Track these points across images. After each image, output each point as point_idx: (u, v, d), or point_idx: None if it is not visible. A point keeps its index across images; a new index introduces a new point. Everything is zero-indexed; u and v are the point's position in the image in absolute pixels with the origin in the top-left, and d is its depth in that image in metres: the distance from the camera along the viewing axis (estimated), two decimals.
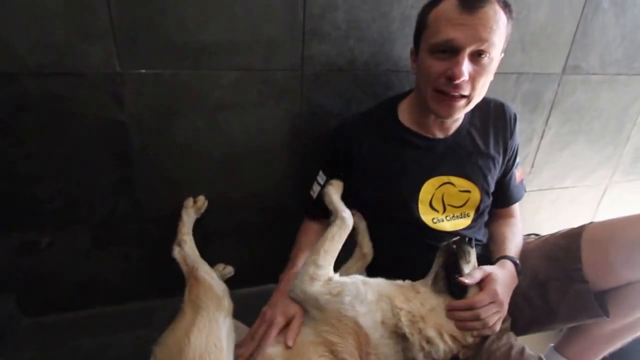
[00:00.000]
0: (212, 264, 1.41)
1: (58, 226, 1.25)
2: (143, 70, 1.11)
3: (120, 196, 1.25)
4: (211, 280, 1.01)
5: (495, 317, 0.97)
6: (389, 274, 1.07)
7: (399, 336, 0.92)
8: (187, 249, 1.14)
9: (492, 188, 1.20)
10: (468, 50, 0.95)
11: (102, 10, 1.02)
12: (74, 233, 1.27)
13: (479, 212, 1.20)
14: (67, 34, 1.02)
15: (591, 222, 1.11)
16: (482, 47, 0.94)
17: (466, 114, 1.15)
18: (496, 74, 1.37)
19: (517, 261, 1.10)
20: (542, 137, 1.61)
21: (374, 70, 1.27)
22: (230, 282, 1.44)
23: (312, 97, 1.26)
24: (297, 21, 1.15)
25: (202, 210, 1.25)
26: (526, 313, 1.13)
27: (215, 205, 1.33)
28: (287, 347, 0.92)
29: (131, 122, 1.16)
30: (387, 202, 1.16)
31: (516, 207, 1.29)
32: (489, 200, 1.21)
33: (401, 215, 1.15)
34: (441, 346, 0.92)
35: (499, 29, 0.95)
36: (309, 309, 0.98)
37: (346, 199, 1.17)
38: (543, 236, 1.23)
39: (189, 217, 1.22)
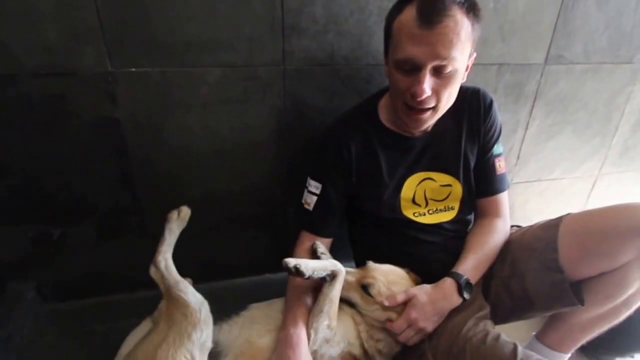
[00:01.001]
0: (205, 257, 1.37)
1: (66, 219, 1.20)
2: (133, 69, 1.05)
3: (121, 191, 1.19)
4: (186, 297, 0.90)
5: (415, 338, 0.97)
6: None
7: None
8: (163, 269, 0.98)
9: (473, 178, 1.08)
10: (429, 67, 0.86)
11: (90, 11, 0.97)
12: (81, 225, 1.21)
13: (464, 205, 1.09)
14: (59, 36, 0.97)
15: (569, 214, 1.00)
16: (443, 63, 0.85)
17: None
18: (476, 65, 1.28)
19: (462, 278, 0.97)
20: (526, 129, 1.47)
21: (354, 64, 1.17)
22: (223, 274, 1.41)
23: (296, 92, 1.17)
24: (276, 16, 1.06)
25: (186, 220, 1.07)
26: (506, 302, 1.03)
27: (207, 199, 1.26)
28: None
29: (125, 120, 1.10)
30: (373, 202, 1.06)
31: (501, 204, 1.11)
32: (473, 192, 1.09)
33: (384, 212, 1.06)
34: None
35: (461, 41, 0.84)
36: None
37: (347, 206, 1.12)
38: (523, 228, 1.12)
39: (171, 234, 1.03)
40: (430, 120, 0.96)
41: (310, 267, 0.88)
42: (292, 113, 1.20)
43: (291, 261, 0.87)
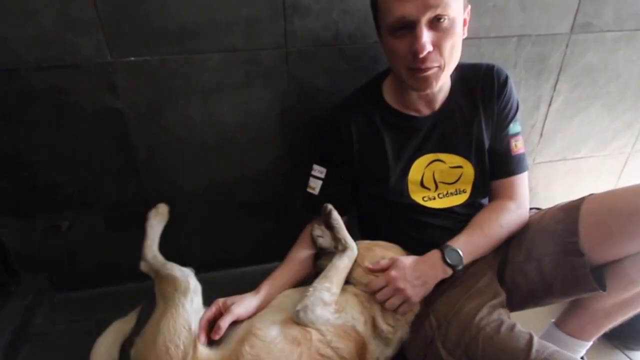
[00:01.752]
0: (211, 246, 1.38)
1: (74, 210, 1.22)
2: (132, 58, 1.03)
3: (126, 182, 1.20)
4: (172, 272, 0.96)
5: (396, 300, 0.93)
6: None
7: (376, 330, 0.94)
8: (151, 259, 1.05)
9: (487, 160, 1.03)
10: (424, 21, 0.82)
11: (86, 1, 0.95)
12: (88, 216, 1.23)
13: (477, 187, 1.04)
14: (57, 27, 0.96)
15: (591, 194, 0.94)
16: (437, 12, 0.81)
17: (454, 85, 0.99)
18: (494, 38, 1.20)
19: (447, 247, 0.94)
20: (550, 104, 1.38)
21: (360, 43, 1.11)
22: (229, 262, 1.41)
23: (299, 75, 1.13)
24: None
25: (166, 215, 1.14)
26: (522, 288, 0.99)
27: (212, 188, 1.25)
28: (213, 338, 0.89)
29: (127, 110, 1.09)
30: (378, 185, 1.03)
31: (517, 186, 1.04)
32: (487, 174, 1.04)
33: (392, 197, 1.03)
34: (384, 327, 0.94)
35: None
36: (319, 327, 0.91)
37: (354, 188, 1.09)
38: (542, 210, 1.05)
39: (152, 229, 1.10)
40: (439, 79, 0.90)
41: (340, 221, 0.98)
42: (296, 97, 1.17)
43: (316, 230, 0.99)
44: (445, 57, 0.86)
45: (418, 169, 1.02)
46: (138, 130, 1.12)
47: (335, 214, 0.99)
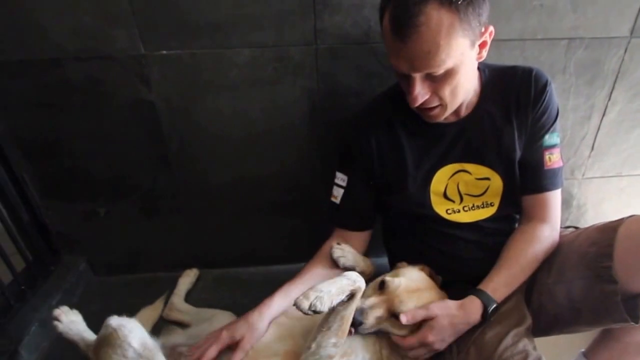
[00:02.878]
0: (239, 242, 1.39)
1: (110, 198, 1.28)
2: (164, 52, 1.07)
3: (159, 172, 1.24)
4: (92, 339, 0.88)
5: (425, 356, 0.87)
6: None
7: None
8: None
9: (517, 171, 0.95)
10: (417, 76, 0.79)
11: None
12: (124, 204, 1.29)
13: (505, 201, 0.97)
14: (94, 20, 1.02)
15: (632, 215, 0.84)
16: (430, 71, 0.78)
17: (484, 90, 0.93)
18: (541, 40, 1.12)
19: (492, 303, 0.86)
20: (603, 115, 1.25)
21: None
22: (254, 259, 1.41)
23: (329, 73, 1.12)
24: None
25: (73, 313, 1.00)
26: (549, 312, 0.91)
27: (238, 183, 1.27)
28: None
29: (159, 103, 1.13)
30: (398, 195, 0.99)
31: (549, 204, 0.96)
32: (516, 187, 0.96)
33: (413, 208, 0.98)
34: None
35: (443, 44, 0.74)
36: None
37: (376, 198, 1.04)
38: (579, 230, 0.96)
39: (78, 334, 0.96)
40: (443, 115, 0.88)
41: (325, 300, 0.74)
42: (325, 95, 1.15)
43: (303, 303, 0.72)
44: (446, 99, 0.83)
45: (441, 179, 0.96)
46: (169, 122, 1.16)
47: (339, 252, 0.97)
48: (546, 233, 0.94)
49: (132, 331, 0.81)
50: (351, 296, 0.80)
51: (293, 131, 1.20)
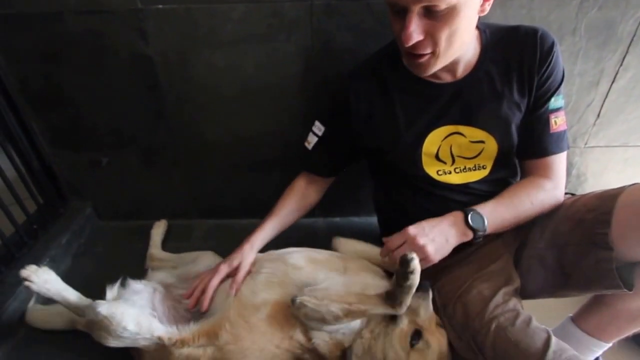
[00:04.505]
0: (232, 195, 1.46)
1: (112, 148, 1.35)
2: (160, 6, 1.08)
3: (156, 125, 1.29)
4: (87, 316, 0.88)
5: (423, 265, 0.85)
6: (401, 226, 0.93)
7: None
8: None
9: (515, 136, 0.95)
10: (415, 9, 0.76)
11: None
12: (124, 155, 1.36)
13: (498, 164, 0.97)
14: None
15: (635, 183, 0.82)
16: (431, 3, 0.74)
17: (484, 50, 0.90)
18: None
19: (472, 212, 0.89)
20: (613, 81, 1.21)
21: None
22: (250, 212, 1.43)
23: (324, 30, 1.11)
24: None
25: (53, 273, 0.99)
26: (538, 275, 0.93)
27: (234, 140, 1.31)
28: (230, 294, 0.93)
29: (156, 57, 1.16)
30: (389, 154, 1.00)
31: (554, 167, 0.96)
32: (511, 151, 0.97)
33: (403, 167, 0.99)
34: None
35: None
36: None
37: (349, 152, 1.08)
38: (576, 196, 0.96)
39: (52, 294, 0.96)
40: (433, 66, 0.85)
41: (416, 267, 0.76)
42: (320, 53, 1.15)
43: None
44: (441, 46, 0.81)
45: (434, 140, 0.96)
46: (166, 77, 1.19)
47: (413, 280, 0.78)
48: (547, 185, 0.95)
49: (125, 314, 0.83)
50: (399, 303, 0.80)
51: (287, 88, 1.21)
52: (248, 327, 0.87)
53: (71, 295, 0.97)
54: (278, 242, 1.08)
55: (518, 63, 0.89)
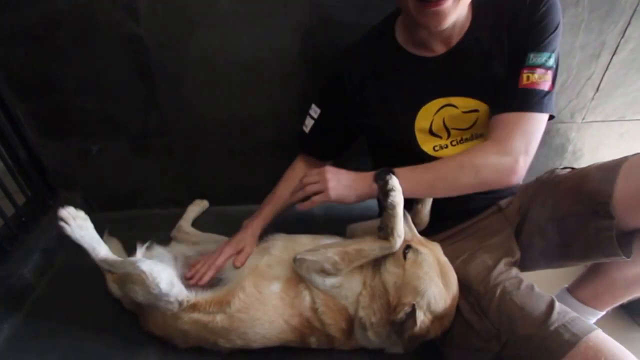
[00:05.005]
0: (230, 180, 1.43)
1: (102, 136, 1.30)
2: None
3: (149, 110, 1.24)
4: (124, 269, 0.89)
5: (315, 186, 0.93)
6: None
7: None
8: (108, 266, 0.97)
9: None
10: None
11: None
12: (115, 142, 1.31)
13: None
14: None
15: (637, 153, 0.83)
16: None
17: (475, 15, 0.88)
18: None
19: (383, 170, 0.89)
20: (614, 53, 1.21)
21: None
22: (246, 198, 1.42)
23: (322, 6, 1.07)
24: None
25: (87, 219, 0.99)
26: (539, 248, 0.94)
27: (230, 123, 1.27)
28: (236, 267, 0.98)
29: (148, 38, 1.11)
30: (384, 133, 0.99)
31: (509, 127, 0.86)
32: None
33: (400, 146, 0.98)
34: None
35: None
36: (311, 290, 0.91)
37: (347, 134, 1.09)
38: (576, 169, 0.96)
39: (84, 241, 0.97)
40: (453, 12, 0.80)
41: (398, 200, 0.81)
42: (318, 30, 1.11)
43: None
44: None
45: (425, 115, 0.94)
46: (158, 58, 1.14)
47: (393, 199, 0.82)
48: (490, 149, 0.86)
49: (161, 273, 0.85)
50: (385, 238, 0.84)
51: (285, 67, 1.18)
52: (261, 299, 0.89)
53: (102, 249, 0.97)
54: (275, 227, 1.08)
55: (508, 18, 0.86)
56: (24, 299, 1.12)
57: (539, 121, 0.86)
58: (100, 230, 1.39)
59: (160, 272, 0.85)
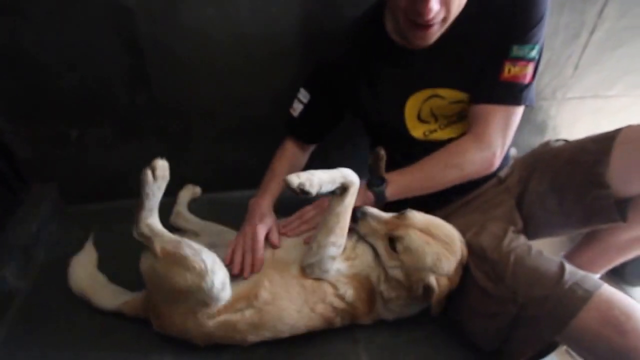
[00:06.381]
0: (223, 164, 1.38)
1: (83, 119, 1.20)
2: None
3: (136, 89, 1.16)
4: (193, 258, 0.79)
5: (312, 213, 1.01)
6: None
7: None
8: (150, 235, 0.83)
9: None
10: None
11: None
12: (98, 126, 1.22)
13: None
14: None
15: (630, 125, 0.90)
16: None
17: (464, 8, 0.89)
18: None
19: (374, 178, 0.98)
20: (592, 33, 1.30)
21: None
22: (241, 183, 1.36)
23: None
24: None
25: (167, 176, 0.84)
26: (540, 218, 1.00)
27: (225, 101, 1.22)
28: (275, 248, 0.96)
29: (137, 9, 1.03)
30: (375, 121, 1.04)
31: (488, 121, 0.92)
32: None
33: (391, 133, 1.02)
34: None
35: None
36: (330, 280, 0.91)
37: (334, 118, 1.13)
38: (571, 141, 1.03)
39: (149, 198, 0.82)
40: (439, 33, 0.87)
41: (315, 183, 0.76)
42: (320, 3, 1.10)
43: (294, 180, 0.74)
44: (452, 11, 0.81)
45: (414, 104, 0.99)
46: (149, 31, 1.07)
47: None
48: (470, 147, 0.94)
49: (219, 272, 0.81)
50: (343, 190, 0.82)
51: (284, 42, 1.15)
52: (284, 284, 0.88)
53: (156, 216, 0.86)
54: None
55: (494, 10, 0.88)
56: (9, 304, 1.04)
57: (516, 114, 0.93)
58: (79, 224, 1.32)
59: (219, 270, 0.81)
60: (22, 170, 1.27)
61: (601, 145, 0.91)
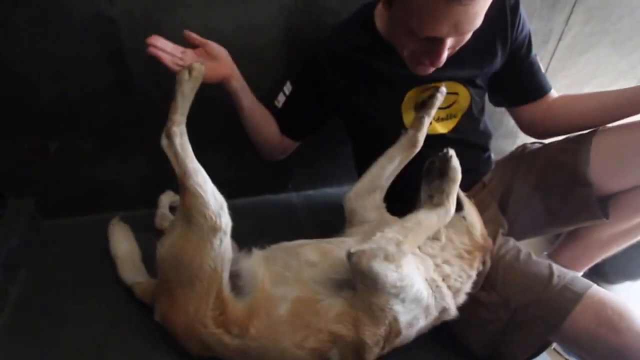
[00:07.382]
0: (210, 175, 1.34)
1: (63, 131, 1.18)
2: None
3: (119, 100, 1.16)
4: (205, 195, 0.81)
5: None
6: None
7: None
8: (177, 146, 0.86)
9: (485, 85, 1.06)
10: (449, 41, 0.82)
11: None
12: (77, 138, 1.20)
13: (467, 114, 1.06)
14: None
15: (605, 126, 0.97)
16: (470, 30, 0.82)
17: None
18: None
19: None
20: (560, 39, 1.39)
21: None
22: (229, 193, 1.34)
23: None
24: None
25: (200, 79, 0.89)
26: (525, 218, 1.04)
27: (208, 112, 1.20)
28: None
29: (122, 19, 1.04)
30: (370, 118, 1.05)
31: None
32: (481, 99, 1.07)
33: (387, 130, 1.04)
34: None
35: (486, 5, 0.78)
36: (356, 280, 0.79)
37: (316, 118, 1.14)
38: (548, 143, 1.09)
39: (184, 98, 0.87)
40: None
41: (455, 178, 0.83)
42: (303, 14, 1.14)
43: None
44: (456, 49, 0.88)
45: (412, 96, 1.02)
46: (133, 42, 1.07)
47: (455, 164, 0.84)
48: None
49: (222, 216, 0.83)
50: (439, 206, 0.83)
51: (268, 52, 1.18)
52: (270, 324, 0.82)
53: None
54: (260, 222, 1.12)
55: (489, 20, 0.93)
56: None
57: None
58: (57, 239, 1.28)
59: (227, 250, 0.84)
60: None
61: (580, 145, 0.96)
